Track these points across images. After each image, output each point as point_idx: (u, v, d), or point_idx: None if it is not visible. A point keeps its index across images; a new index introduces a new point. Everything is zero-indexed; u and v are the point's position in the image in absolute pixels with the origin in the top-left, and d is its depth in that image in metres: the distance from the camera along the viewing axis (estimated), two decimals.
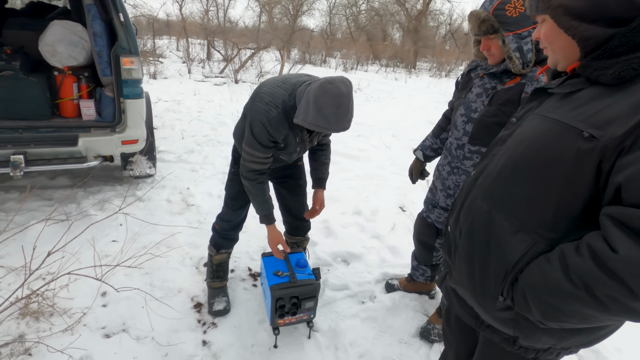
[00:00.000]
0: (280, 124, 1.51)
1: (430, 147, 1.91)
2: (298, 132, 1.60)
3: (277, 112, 1.49)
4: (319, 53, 20.27)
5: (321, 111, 1.35)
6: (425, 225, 1.92)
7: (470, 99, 1.53)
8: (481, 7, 1.33)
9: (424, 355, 1.80)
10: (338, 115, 1.36)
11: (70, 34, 2.61)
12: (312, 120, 1.37)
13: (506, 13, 1.25)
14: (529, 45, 1.30)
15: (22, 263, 2.05)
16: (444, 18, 29.21)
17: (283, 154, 1.67)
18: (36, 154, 2.43)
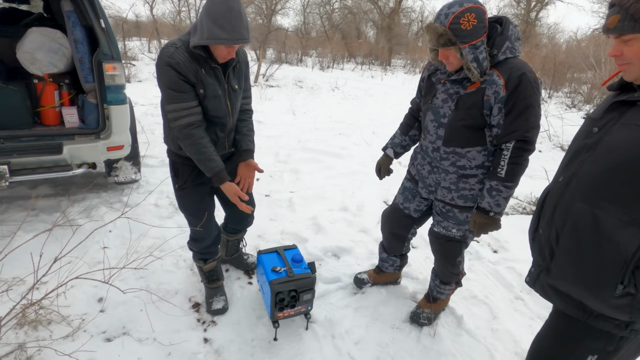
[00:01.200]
0: (184, 57, 1.47)
1: (400, 145, 1.98)
2: (209, 69, 1.55)
3: (176, 48, 1.48)
4: (295, 52, 20.28)
5: (215, 22, 1.37)
6: (402, 217, 1.95)
7: (437, 104, 1.62)
8: (436, 21, 1.39)
9: (414, 338, 1.92)
10: (232, 20, 1.37)
11: (49, 40, 2.58)
12: (209, 34, 1.39)
13: (461, 26, 1.34)
14: (484, 54, 1.41)
15: (13, 274, 2.04)
16: (415, 15, 29.81)
17: (210, 102, 1.58)
18: (20, 164, 2.39)
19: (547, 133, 6.18)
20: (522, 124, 1.42)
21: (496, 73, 1.43)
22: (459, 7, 1.33)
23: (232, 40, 1.41)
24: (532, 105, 1.42)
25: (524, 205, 3.47)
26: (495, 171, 1.51)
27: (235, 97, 1.70)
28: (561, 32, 28.78)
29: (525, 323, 2.05)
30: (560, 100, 10.40)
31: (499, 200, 1.52)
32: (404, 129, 1.96)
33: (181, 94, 1.49)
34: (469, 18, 1.32)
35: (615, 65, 7.96)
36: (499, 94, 1.42)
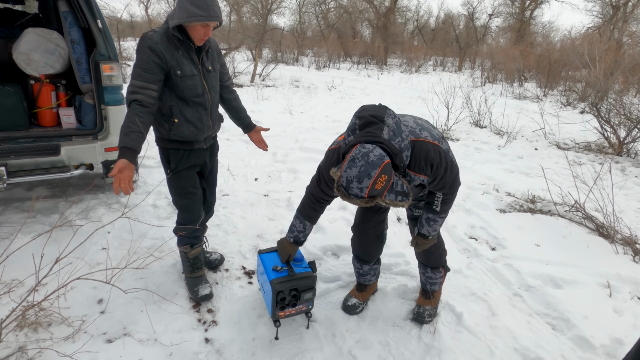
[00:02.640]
0: (161, 40, 1.64)
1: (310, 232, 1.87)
2: (185, 51, 1.70)
3: (155, 32, 1.65)
4: (291, 52, 20.26)
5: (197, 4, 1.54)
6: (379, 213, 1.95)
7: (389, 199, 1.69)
8: (352, 195, 1.32)
9: (415, 336, 1.93)
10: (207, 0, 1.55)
11: (45, 41, 2.57)
12: (188, 13, 1.55)
13: (377, 189, 1.31)
14: (399, 182, 1.40)
15: (12, 277, 2.04)
16: (411, 14, 29.89)
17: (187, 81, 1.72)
18: (17, 165, 2.38)
19: (543, 131, 6.23)
20: (444, 185, 1.62)
21: (413, 173, 1.52)
22: (369, 179, 1.28)
23: (208, 17, 1.57)
24: (446, 170, 1.56)
25: (521, 203, 3.50)
26: (431, 206, 1.71)
27: (210, 78, 1.83)
28: (555, 31, 28.97)
29: (524, 319, 2.07)
30: (555, 98, 10.48)
31: (435, 226, 1.76)
32: (314, 220, 1.82)
33: (145, 73, 1.60)
34: (381, 180, 1.30)
35: (609, 63, 7.96)
36: (424, 180, 1.57)
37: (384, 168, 1.31)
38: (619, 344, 1.90)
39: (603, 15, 23.68)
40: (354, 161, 1.30)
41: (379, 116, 1.43)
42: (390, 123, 1.43)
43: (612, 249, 2.74)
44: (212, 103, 1.87)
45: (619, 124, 5.30)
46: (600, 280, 2.40)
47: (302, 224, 1.82)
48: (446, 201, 1.68)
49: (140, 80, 1.61)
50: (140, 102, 1.60)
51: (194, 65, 1.74)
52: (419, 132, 1.53)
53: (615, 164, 4.91)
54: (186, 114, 1.78)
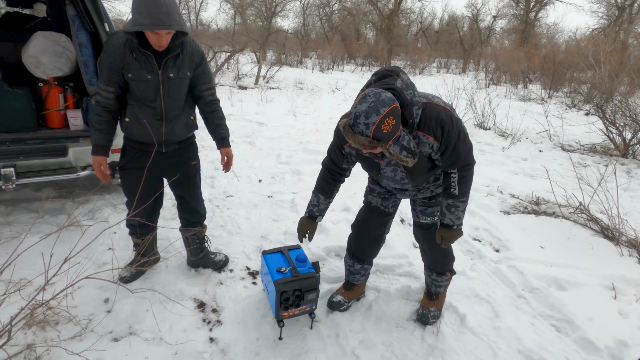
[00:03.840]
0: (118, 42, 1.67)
1: (326, 209, 1.90)
2: (139, 54, 1.69)
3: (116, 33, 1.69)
4: (295, 54, 20.33)
5: (137, 9, 1.52)
6: (383, 216, 1.95)
7: (389, 175, 1.69)
8: (356, 131, 1.32)
9: (418, 336, 1.94)
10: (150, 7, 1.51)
11: (54, 44, 2.61)
12: (134, 21, 1.54)
13: (383, 132, 1.31)
14: (406, 137, 1.42)
15: (20, 276, 2.07)
16: (415, 16, 29.91)
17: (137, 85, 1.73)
18: (26, 166, 2.42)
19: (548, 133, 6.20)
20: (458, 156, 1.55)
21: (422, 134, 1.49)
22: (377, 116, 1.28)
23: (151, 26, 1.53)
24: (459, 138, 1.52)
25: (525, 205, 3.49)
26: (449, 191, 1.64)
27: (171, 85, 1.79)
28: (560, 32, 28.86)
29: (528, 321, 2.07)
30: (560, 100, 10.43)
31: (457, 214, 1.67)
32: (328, 194, 1.85)
33: (102, 75, 1.70)
34: (389, 122, 1.30)
35: (614, 65, 7.91)
36: (434, 146, 1.52)
37: (393, 110, 1.32)
38: (623, 346, 1.89)
39: (608, 16, 23.56)
40: (365, 97, 1.33)
41: (394, 71, 1.47)
42: (405, 78, 1.46)
43: (617, 251, 2.73)
44: (166, 110, 1.83)
45: (624, 126, 5.27)
46: (604, 282, 2.39)
47: (316, 197, 1.87)
48: (464, 180, 1.60)
49: (100, 81, 1.73)
50: (99, 103, 1.76)
51: (150, 69, 1.72)
52: (432, 97, 1.55)
53: (620, 165, 4.88)
54: (139, 115, 1.81)
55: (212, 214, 3.03)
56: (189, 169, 2.06)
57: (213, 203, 3.23)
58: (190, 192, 2.12)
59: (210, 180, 3.72)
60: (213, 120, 2.03)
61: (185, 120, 1.94)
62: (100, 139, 1.82)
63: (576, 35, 21.55)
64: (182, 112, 1.92)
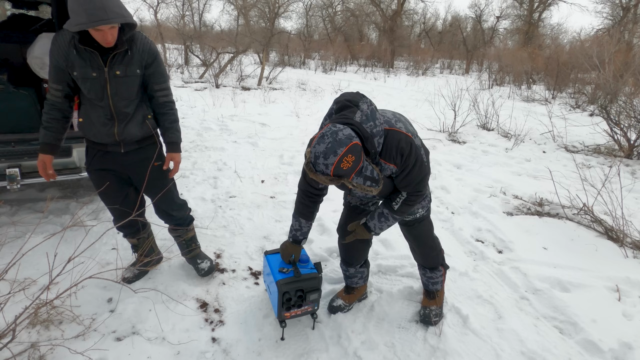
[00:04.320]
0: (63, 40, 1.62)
1: (308, 230, 1.89)
2: (83, 52, 1.62)
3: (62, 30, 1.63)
4: (298, 55, 20.36)
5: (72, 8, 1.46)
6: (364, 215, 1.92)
7: (359, 194, 1.77)
8: (318, 171, 1.35)
9: (421, 337, 1.93)
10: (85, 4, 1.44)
11: None
12: (72, 21, 1.48)
13: (343, 169, 1.33)
14: (369, 167, 1.44)
15: (24, 275, 2.08)
16: (418, 17, 29.88)
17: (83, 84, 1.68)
18: (31, 167, 2.44)
19: (551, 134, 6.17)
20: (410, 182, 1.59)
21: (384, 162, 1.51)
22: (335, 156, 1.30)
23: (89, 24, 1.46)
24: (415, 165, 1.54)
25: (529, 206, 3.48)
26: (390, 203, 1.66)
27: (118, 83, 1.71)
28: (564, 33, 28.70)
29: (531, 323, 2.06)
30: (564, 100, 10.38)
31: (383, 225, 1.72)
32: (308, 216, 1.84)
33: (50, 73, 1.68)
34: (348, 159, 1.32)
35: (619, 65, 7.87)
36: (393, 170, 1.55)
37: (352, 148, 1.33)
38: (628, 348, 1.88)
39: (613, 16, 23.42)
40: (323, 138, 1.34)
41: (354, 101, 1.49)
42: (365, 109, 1.47)
43: (622, 253, 2.71)
44: (116, 109, 1.75)
45: (629, 127, 5.24)
46: (608, 284, 2.37)
47: (297, 222, 1.86)
48: (407, 203, 1.64)
49: (49, 79, 1.71)
50: (48, 100, 1.74)
51: (95, 67, 1.65)
52: (394, 122, 1.54)
53: (625, 166, 4.85)
54: (91, 115, 1.77)
55: (215, 215, 3.04)
56: (152, 170, 1.94)
57: (216, 203, 3.24)
58: (156, 193, 1.97)
59: (213, 181, 3.73)
60: (164, 123, 1.91)
61: (141, 119, 1.85)
62: (48, 137, 1.76)
63: (580, 36, 21.46)
64: (136, 111, 1.83)
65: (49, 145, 1.78)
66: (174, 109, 1.93)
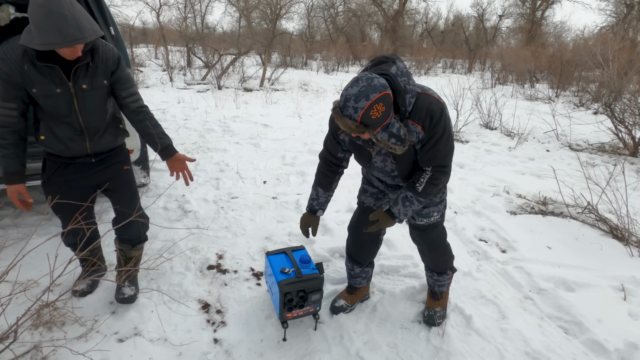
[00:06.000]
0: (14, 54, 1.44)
1: (326, 202, 1.88)
2: (43, 68, 1.47)
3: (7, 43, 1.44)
4: (300, 56, 20.38)
5: (39, 27, 1.30)
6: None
7: (379, 166, 1.66)
8: (345, 114, 1.33)
9: (423, 338, 1.92)
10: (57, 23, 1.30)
11: None
12: (40, 40, 1.31)
13: (371, 117, 1.31)
14: (397, 124, 1.40)
15: (27, 277, 2.09)
16: (420, 17, 29.83)
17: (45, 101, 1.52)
18: (33, 169, 2.43)
19: (555, 132, 6.13)
20: (436, 153, 1.52)
21: (411, 123, 1.47)
22: (367, 101, 1.28)
23: (64, 44, 1.34)
24: (443, 135, 1.49)
25: (532, 205, 3.45)
26: (414, 185, 1.59)
27: (86, 97, 1.59)
28: (568, 31, 28.56)
29: (535, 323, 2.04)
30: (568, 99, 10.31)
31: (407, 210, 1.63)
32: (327, 187, 1.84)
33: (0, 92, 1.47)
34: (378, 108, 1.30)
35: (623, 63, 7.82)
36: (420, 135, 1.50)
37: (384, 97, 1.31)
38: (634, 348, 1.86)
39: (617, 14, 23.27)
40: (357, 81, 1.32)
41: (391, 58, 1.46)
42: (401, 66, 1.44)
43: (627, 252, 2.68)
44: (86, 125, 1.64)
45: (633, 124, 5.19)
46: (614, 284, 2.34)
47: (315, 191, 1.86)
48: (433, 182, 1.56)
49: None
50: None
51: (58, 83, 1.51)
52: (427, 89, 1.52)
53: (629, 164, 4.80)
54: (55, 131, 1.61)
55: (217, 216, 3.04)
56: (122, 173, 1.85)
57: (218, 204, 3.24)
58: (126, 198, 1.87)
59: (215, 182, 3.73)
60: (145, 129, 1.74)
61: (114, 130, 1.77)
62: (11, 164, 1.57)
63: (584, 34, 21.32)
64: (109, 123, 1.73)
65: (16, 174, 1.61)
66: (149, 112, 1.78)
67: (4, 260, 2.03)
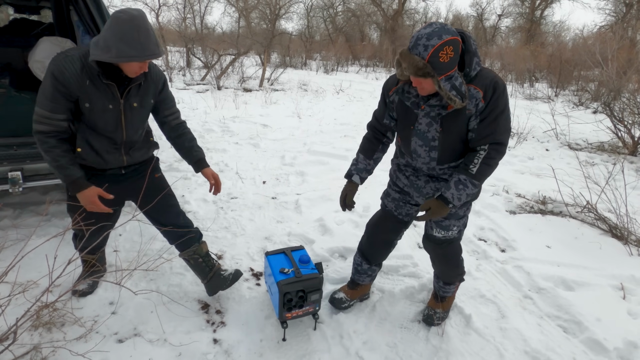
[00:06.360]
0: (72, 68, 1.44)
1: (365, 169, 1.87)
2: (100, 84, 1.51)
3: (66, 57, 1.46)
4: (299, 56, 20.38)
5: (123, 39, 1.35)
6: (396, 223, 1.91)
7: (422, 129, 1.59)
8: (414, 52, 1.35)
9: (423, 338, 1.92)
10: (141, 38, 1.37)
11: (59, 49, 2.64)
12: (118, 52, 1.36)
13: (439, 59, 1.32)
14: (459, 79, 1.42)
15: (27, 278, 2.09)
16: (419, 17, 29.80)
17: (97, 116, 1.56)
18: (33, 170, 2.45)
19: (554, 132, 6.14)
20: (496, 127, 1.49)
21: (472, 87, 1.46)
22: (438, 40, 1.30)
23: (144, 57, 1.41)
24: (504, 111, 1.49)
25: (532, 204, 3.45)
26: (467, 167, 1.54)
27: (133, 114, 1.66)
28: (567, 30, 28.50)
29: (535, 322, 2.04)
30: (567, 98, 10.32)
31: (462, 194, 1.55)
32: (368, 153, 1.85)
33: (50, 102, 1.47)
34: (447, 51, 1.32)
35: (622, 62, 7.83)
36: (479, 105, 1.47)
37: (455, 41, 1.34)
38: (633, 347, 1.86)
39: (616, 13, 23.28)
40: (431, 24, 1.35)
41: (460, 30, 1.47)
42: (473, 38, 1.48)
43: (626, 251, 2.69)
44: (127, 139, 1.70)
45: (632, 123, 5.20)
46: (613, 282, 2.35)
47: (356, 156, 1.89)
48: (488, 162, 1.50)
49: (44, 109, 1.47)
50: (47, 134, 1.51)
51: (111, 99, 1.56)
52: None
53: (629, 164, 4.81)
54: (93, 144, 1.64)
55: (217, 216, 3.04)
56: (155, 181, 1.89)
57: (217, 205, 3.24)
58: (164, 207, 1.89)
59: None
60: (183, 144, 1.86)
61: (146, 143, 1.84)
62: (74, 171, 1.57)
63: (583, 33, 21.33)
64: (144, 136, 1.81)
65: (83, 177, 1.60)
66: (187, 128, 1.90)
67: (3, 261, 2.02)
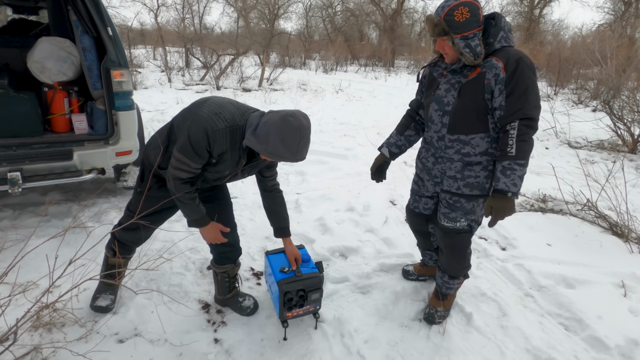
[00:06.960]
0: (223, 138, 1.51)
1: (395, 144, 2.00)
2: (236, 155, 1.60)
3: (224, 126, 1.50)
4: (298, 56, 20.37)
5: (284, 142, 1.42)
6: (415, 215, 2.09)
7: (441, 94, 1.68)
8: (435, 13, 1.53)
9: (424, 336, 1.92)
10: (300, 146, 1.45)
11: (58, 49, 2.64)
12: (274, 150, 1.44)
13: (454, 18, 1.47)
14: (477, 42, 1.51)
15: (27, 278, 2.09)
16: (418, 16, 29.79)
17: (210, 171, 1.64)
18: (32, 170, 2.44)
19: (554, 130, 6.14)
20: (525, 102, 1.48)
21: (494, 58, 1.52)
22: (455, 1, 1.46)
23: (293, 161, 1.49)
24: (531, 86, 1.49)
25: (532, 203, 3.45)
26: (505, 152, 1.51)
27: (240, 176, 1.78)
28: (566, 29, 28.54)
29: (536, 320, 2.04)
30: (567, 96, 10.32)
31: (514, 179, 1.49)
32: (400, 129, 2.00)
33: (195, 156, 1.53)
34: (463, 11, 1.44)
35: (621, 60, 7.84)
36: (499, 75, 1.50)
37: (472, 4, 1.46)
38: (634, 344, 1.86)
39: (614, 11, 23.30)
40: None
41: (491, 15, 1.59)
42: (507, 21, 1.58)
43: (627, 248, 2.69)
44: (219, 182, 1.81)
45: (632, 121, 5.20)
46: (614, 280, 2.35)
47: (392, 132, 2.04)
48: (523, 138, 1.47)
49: (188, 157, 1.53)
50: (184, 180, 1.60)
51: (236, 166, 1.66)
52: None
53: (628, 161, 4.81)
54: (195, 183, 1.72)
55: None
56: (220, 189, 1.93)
57: None
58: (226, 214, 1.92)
59: None
60: (272, 206, 1.91)
61: None
62: (203, 209, 1.72)
63: (582, 32, 21.37)
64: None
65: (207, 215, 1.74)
66: (280, 193, 1.92)
67: (3, 262, 2.02)
